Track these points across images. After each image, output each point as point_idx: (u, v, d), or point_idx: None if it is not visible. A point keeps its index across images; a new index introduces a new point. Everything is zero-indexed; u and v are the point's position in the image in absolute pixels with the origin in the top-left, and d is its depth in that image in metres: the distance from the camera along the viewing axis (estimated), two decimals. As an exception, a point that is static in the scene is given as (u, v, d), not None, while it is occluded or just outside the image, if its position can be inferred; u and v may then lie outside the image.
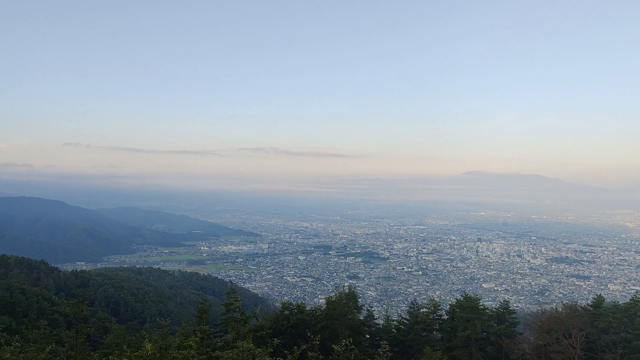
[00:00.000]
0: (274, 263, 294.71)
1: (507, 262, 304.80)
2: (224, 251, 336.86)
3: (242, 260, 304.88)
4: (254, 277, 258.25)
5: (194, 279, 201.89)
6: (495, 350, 56.23)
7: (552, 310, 59.08)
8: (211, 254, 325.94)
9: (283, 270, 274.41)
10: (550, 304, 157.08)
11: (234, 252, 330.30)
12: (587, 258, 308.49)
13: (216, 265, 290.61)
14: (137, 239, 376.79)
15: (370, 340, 58.45)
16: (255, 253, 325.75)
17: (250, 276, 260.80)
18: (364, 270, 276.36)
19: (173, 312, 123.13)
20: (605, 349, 50.33)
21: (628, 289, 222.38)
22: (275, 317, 51.37)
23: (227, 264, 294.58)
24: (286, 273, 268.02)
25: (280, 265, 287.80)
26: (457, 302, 58.15)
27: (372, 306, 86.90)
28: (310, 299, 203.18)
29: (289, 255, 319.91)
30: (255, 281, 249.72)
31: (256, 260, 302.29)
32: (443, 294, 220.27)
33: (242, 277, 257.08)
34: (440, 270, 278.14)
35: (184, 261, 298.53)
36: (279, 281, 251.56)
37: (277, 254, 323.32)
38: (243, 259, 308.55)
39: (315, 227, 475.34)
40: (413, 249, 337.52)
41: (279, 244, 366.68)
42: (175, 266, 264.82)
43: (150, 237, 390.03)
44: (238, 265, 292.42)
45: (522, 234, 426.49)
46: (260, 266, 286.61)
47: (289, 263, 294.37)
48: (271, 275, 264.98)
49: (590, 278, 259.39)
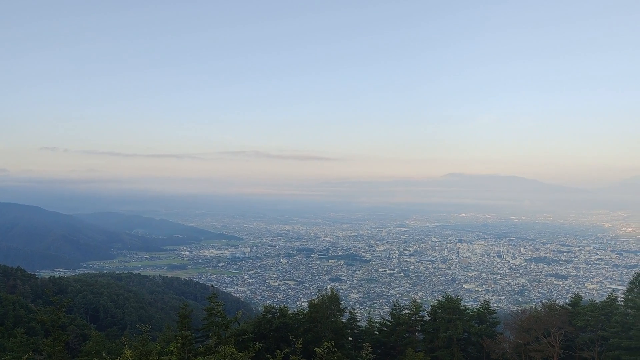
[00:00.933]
0: (256, 267, 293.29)
1: (487, 262, 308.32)
2: (206, 255, 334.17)
3: (223, 264, 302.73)
4: (236, 281, 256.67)
5: (175, 284, 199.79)
6: (476, 350, 56.84)
7: (532, 310, 59.98)
8: (192, 259, 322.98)
9: (265, 274, 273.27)
10: (529, 304, 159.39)
11: (216, 256, 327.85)
12: (565, 258, 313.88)
13: (198, 269, 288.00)
14: (116, 244, 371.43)
15: (353, 342, 58.58)
16: (237, 257, 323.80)
17: (232, 280, 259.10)
18: (346, 273, 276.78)
19: (154, 318, 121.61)
20: (583, 347, 51.25)
21: (605, 287, 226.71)
22: (257, 321, 51.18)
23: (208, 268, 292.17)
24: (268, 276, 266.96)
25: (263, 269, 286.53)
26: (439, 303, 58.68)
27: (355, 308, 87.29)
28: (292, 302, 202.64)
29: (271, 258, 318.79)
30: (238, 285, 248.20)
31: (238, 264, 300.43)
32: (425, 295, 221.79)
33: (224, 281, 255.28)
34: (421, 272, 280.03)
35: (164, 266, 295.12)
36: (262, 285, 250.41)
37: (259, 258, 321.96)
38: (225, 263, 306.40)
39: (297, 230, 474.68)
40: (395, 251, 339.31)
41: (261, 247, 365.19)
42: (156, 271, 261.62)
43: (130, 242, 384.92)
44: (220, 269, 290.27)
45: (501, 234, 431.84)
46: (242, 270, 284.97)
47: (271, 266, 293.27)
48: (253, 279, 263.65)
49: (568, 277, 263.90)
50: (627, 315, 49.61)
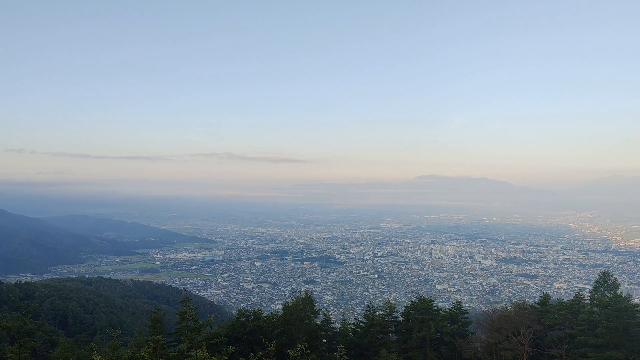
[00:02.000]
0: (229, 269, 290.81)
1: (459, 263, 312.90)
2: (178, 258, 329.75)
3: (197, 267, 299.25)
4: (210, 285, 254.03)
5: (147, 288, 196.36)
6: (449, 350, 57.59)
7: (502, 309, 60.99)
8: (165, 262, 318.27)
9: (239, 277, 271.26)
10: (500, 303, 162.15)
11: (189, 260, 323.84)
12: (534, 258, 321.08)
13: (170, 273, 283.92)
14: (86, 248, 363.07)
15: (327, 344, 58.62)
16: (210, 260, 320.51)
17: (206, 283, 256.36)
18: (320, 275, 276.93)
19: (125, 323, 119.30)
20: (551, 345, 52.47)
21: (572, 286, 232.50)
22: (231, 324, 50.78)
23: (181, 272, 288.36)
24: (242, 279, 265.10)
25: (237, 272, 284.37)
26: (412, 304, 59.22)
27: (329, 310, 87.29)
28: (267, 304, 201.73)
29: (245, 261, 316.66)
30: (211, 288, 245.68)
31: (211, 267, 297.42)
32: (398, 296, 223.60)
33: (197, 284, 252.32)
34: (395, 273, 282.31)
35: (136, 270, 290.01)
36: (235, 288, 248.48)
37: (233, 260, 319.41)
38: (198, 266, 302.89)
39: (271, 232, 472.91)
40: (369, 253, 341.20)
41: (235, 250, 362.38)
42: (127, 275, 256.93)
43: (101, 245, 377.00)
44: (193, 272, 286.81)
45: (473, 235, 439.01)
46: (215, 273, 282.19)
47: (245, 269, 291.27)
48: (227, 282, 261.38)
49: (537, 277, 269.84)
50: (593, 313, 51.04)
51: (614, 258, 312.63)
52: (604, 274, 60.86)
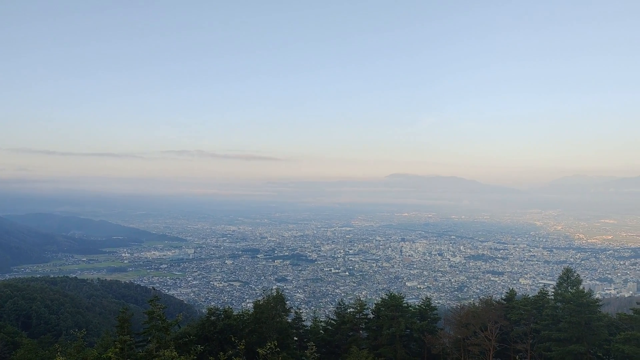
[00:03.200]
0: (200, 268, 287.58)
1: (429, 260, 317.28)
2: (147, 257, 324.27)
3: (166, 266, 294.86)
4: (179, 283, 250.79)
5: (114, 288, 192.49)
6: (418, 346, 58.40)
7: (470, 305, 62.19)
8: (133, 261, 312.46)
9: (210, 275, 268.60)
10: (468, 300, 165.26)
11: (158, 258, 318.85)
12: (501, 255, 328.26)
13: (139, 272, 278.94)
14: (51, 247, 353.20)
15: (298, 342, 58.69)
16: (180, 258, 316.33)
17: (176, 282, 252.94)
18: (292, 273, 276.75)
19: (92, 323, 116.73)
20: (517, 340, 53.79)
21: (537, 282, 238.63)
22: (201, 323, 50.35)
23: (150, 271, 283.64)
24: (213, 278, 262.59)
25: (207, 270, 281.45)
26: (382, 301, 59.80)
27: (301, 308, 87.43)
28: (238, 303, 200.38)
29: (216, 259, 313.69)
30: (181, 287, 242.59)
31: (181, 266, 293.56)
32: (369, 293, 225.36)
33: (166, 283, 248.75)
34: (366, 271, 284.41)
35: (103, 269, 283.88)
36: (206, 286, 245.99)
37: (204, 259, 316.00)
38: (167, 264, 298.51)
39: (242, 230, 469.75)
40: (340, 251, 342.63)
41: (206, 248, 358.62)
42: (94, 274, 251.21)
43: (66, 244, 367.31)
44: (162, 271, 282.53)
45: (442, 233, 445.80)
46: (185, 272, 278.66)
47: (215, 268, 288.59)
48: (197, 280, 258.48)
49: (504, 274, 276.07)
50: (557, 308, 52.53)
51: (576, 255, 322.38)
52: (567, 270, 62.61)
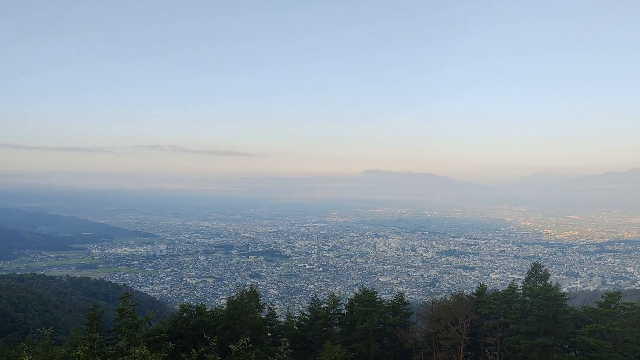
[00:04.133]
0: (172, 264, 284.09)
1: (402, 256, 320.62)
2: (118, 253, 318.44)
3: (138, 262, 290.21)
4: (151, 280, 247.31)
5: (84, 284, 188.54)
6: (390, 340, 59.02)
7: (442, 300, 63.16)
8: (104, 257, 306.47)
9: (182, 272, 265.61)
10: (440, 294, 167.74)
11: (129, 254, 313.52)
12: (472, 250, 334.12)
13: (109, 268, 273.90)
14: (17, 243, 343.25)
15: (272, 338, 58.67)
16: (152, 255, 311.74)
17: (147, 279, 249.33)
18: (266, 269, 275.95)
19: (61, 321, 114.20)
20: (487, 333, 54.89)
21: (507, 277, 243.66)
22: (173, 320, 49.82)
23: (121, 267, 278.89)
24: (186, 274, 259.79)
25: (180, 267, 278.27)
26: (356, 296, 60.19)
27: (274, 304, 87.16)
28: (211, 299, 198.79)
29: (189, 255, 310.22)
30: (153, 284, 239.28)
31: (153, 262, 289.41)
32: (343, 289, 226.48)
33: (138, 280, 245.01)
34: (340, 266, 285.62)
35: (72, 266, 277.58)
36: (178, 283, 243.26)
37: (176, 255, 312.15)
38: (139, 261, 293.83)
39: (216, 226, 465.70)
40: (314, 246, 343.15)
41: (179, 244, 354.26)
42: (63, 271, 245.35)
43: (34, 240, 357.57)
44: (134, 268, 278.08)
45: (415, 229, 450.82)
46: (158, 268, 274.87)
47: (188, 264, 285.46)
48: (170, 277, 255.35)
49: (475, 269, 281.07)
50: (525, 302, 53.78)
51: (544, 250, 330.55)
52: (535, 265, 64.17)
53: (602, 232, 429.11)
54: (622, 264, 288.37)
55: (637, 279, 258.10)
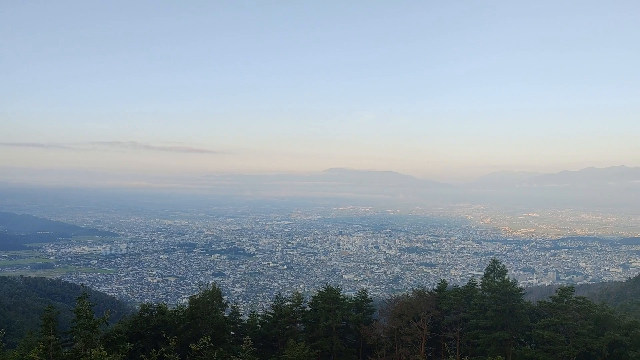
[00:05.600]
0: (133, 263, 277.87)
1: (365, 253, 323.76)
2: (76, 253, 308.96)
3: (96, 261, 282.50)
4: (111, 280, 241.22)
5: (39, 285, 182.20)
6: (354, 337, 59.53)
7: (404, 297, 63.98)
8: (60, 257, 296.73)
9: (143, 271, 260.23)
10: (402, 291, 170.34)
11: (88, 254, 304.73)
12: (434, 247, 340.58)
13: (66, 268, 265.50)
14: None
15: (235, 336, 58.24)
16: (112, 254, 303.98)
17: (107, 278, 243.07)
18: (229, 267, 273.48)
19: (14, 323, 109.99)
20: (447, 328, 56.05)
21: (467, 273, 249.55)
22: (133, 320, 48.81)
23: (79, 267, 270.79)
24: (147, 273, 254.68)
25: (140, 266, 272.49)
26: (320, 294, 60.40)
27: (238, 303, 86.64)
28: (173, 299, 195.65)
29: (150, 254, 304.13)
30: (112, 284, 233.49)
31: (113, 262, 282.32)
32: (307, 286, 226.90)
33: (96, 280, 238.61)
34: (304, 264, 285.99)
35: (27, 265, 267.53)
36: (139, 282, 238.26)
37: (137, 254, 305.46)
38: (98, 260, 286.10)
39: (178, 224, 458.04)
40: (278, 244, 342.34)
41: (139, 243, 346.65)
42: (17, 271, 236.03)
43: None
44: (92, 267, 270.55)
45: (378, 226, 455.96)
46: (117, 267, 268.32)
47: (150, 263, 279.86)
48: (130, 276, 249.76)
49: (436, 265, 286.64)
50: (484, 297, 55.23)
51: (503, 246, 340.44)
52: (493, 261, 65.91)
53: (557, 229, 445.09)
54: (575, 259, 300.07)
55: (589, 274, 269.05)
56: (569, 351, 46.54)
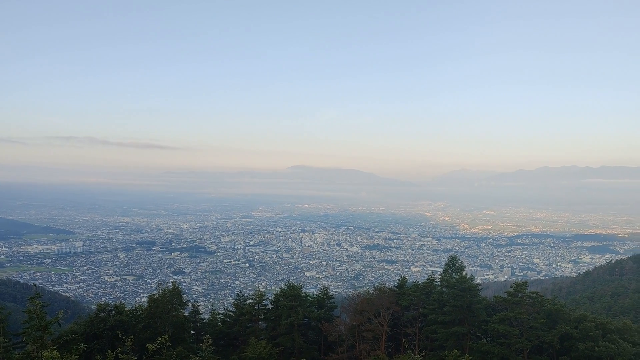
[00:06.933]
0: (89, 262, 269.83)
1: (327, 250, 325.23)
2: (29, 251, 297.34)
3: (51, 260, 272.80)
4: (66, 279, 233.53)
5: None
6: (315, 334, 59.76)
7: (365, 293, 64.65)
8: (12, 256, 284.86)
9: (100, 270, 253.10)
10: (363, 288, 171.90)
11: (41, 252, 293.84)
12: (395, 244, 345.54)
13: (18, 267, 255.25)
14: None
15: (195, 335, 57.57)
16: (67, 252, 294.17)
17: (61, 278, 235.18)
18: (190, 265, 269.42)
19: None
20: (407, 324, 57.01)
21: (426, 270, 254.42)
22: (89, 320, 47.49)
23: (32, 266, 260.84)
24: (104, 272, 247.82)
25: (97, 265, 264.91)
26: (281, 291, 60.33)
27: (198, 301, 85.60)
28: (131, 298, 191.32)
29: (108, 253, 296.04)
30: (67, 283, 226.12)
31: (68, 260, 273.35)
32: (269, 284, 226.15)
33: (50, 279, 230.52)
34: (266, 262, 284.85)
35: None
36: (96, 281, 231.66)
37: (94, 252, 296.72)
38: (52, 259, 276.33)
39: (137, 222, 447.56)
40: (240, 242, 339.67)
41: (96, 241, 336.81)
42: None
43: None
44: (46, 266, 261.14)
45: (341, 224, 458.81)
46: (73, 266, 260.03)
47: (107, 261, 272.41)
48: (86, 275, 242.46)
49: (397, 262, 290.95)
50: (443, 293, 56.45)
51: (461, 243, 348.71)
52: (452, 257, 67.36)
53: (512, 227, 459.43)
54: (529, 256, 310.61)
55: (542, 269, 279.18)
56: (522, 344, 48.15)
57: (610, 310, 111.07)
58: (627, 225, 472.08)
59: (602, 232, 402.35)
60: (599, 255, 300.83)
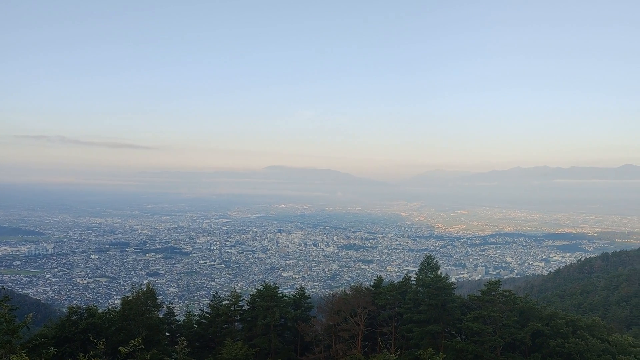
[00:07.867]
0: (60, 264, 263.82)
1: (304, 251, 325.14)
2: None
3: (20, 262, 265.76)
4: (36, 281, 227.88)
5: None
6: (292, 334, 59.71)
7: (341, 293, 64.89)
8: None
9: (72, 272, 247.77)
10: (340, 287, 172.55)
11: (10, 254, 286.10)
12: (371, 244, 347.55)
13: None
14: None
15: (170, 337, 56.87)
16: (37, 254, 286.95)
17: (31, 280, 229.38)
18: (164, 267, 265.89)
19: None
20: (383, 323, 57.43)
21: (402, 269, 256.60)
22: (60, 323, 46.38)
23: (1, 268, 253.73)
24: (76, 274, 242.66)
25: (69, 266, 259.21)
26: (258, 292, 60.07)
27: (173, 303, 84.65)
28: (104, 300, 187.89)
29: (80, 254, 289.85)
30: (38, 285, 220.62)
31: (38, 262, 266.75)
32: (245, 285, 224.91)
33: (20, 282, 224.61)
34: (242, 262, 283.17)
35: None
36: (67, 284, 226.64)
37: (65, 254, 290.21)
38: (22, 261, 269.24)
39: (110, 222, 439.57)
40: (216, 242, 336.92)
41: (68, 242, 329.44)
42: None
43: None
44: (15, 269, 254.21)
45: (317, 224, 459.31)
46: (43, 268, 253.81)
47: (79, 263, 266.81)
48: (57, 277, 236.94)
49: (373, 262, 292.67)
50: (418, 292, 57.01)
51: (436, 243, 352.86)
52: (427, 257, 68.14)
53: (486, 226, 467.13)
54: (503, 254, 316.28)
55: (515, 268, 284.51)
56: (495, 342, 48.99)
57: (580, 307, 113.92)
58: (596, 225, 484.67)
59: (572, 231, 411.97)
60: (569, 253, 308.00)
